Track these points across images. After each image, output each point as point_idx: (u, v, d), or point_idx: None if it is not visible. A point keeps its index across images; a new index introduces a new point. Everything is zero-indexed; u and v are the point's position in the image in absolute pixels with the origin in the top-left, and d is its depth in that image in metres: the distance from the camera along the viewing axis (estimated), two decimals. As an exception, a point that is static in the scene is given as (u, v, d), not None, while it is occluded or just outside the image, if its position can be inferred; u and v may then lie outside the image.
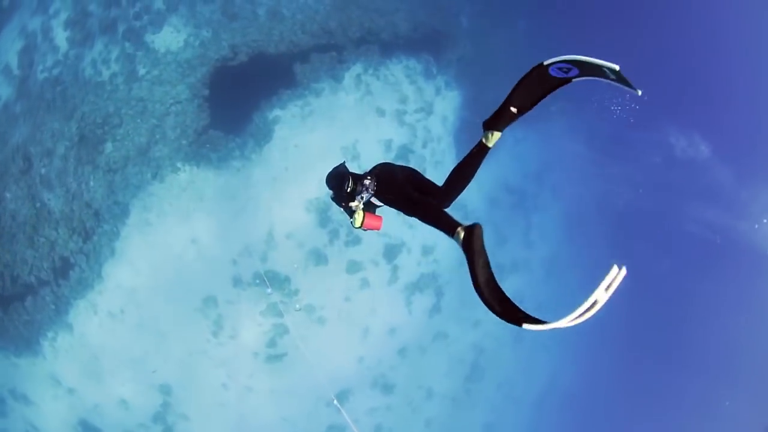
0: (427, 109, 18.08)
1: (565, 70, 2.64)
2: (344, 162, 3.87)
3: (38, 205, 16.03)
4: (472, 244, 2.47)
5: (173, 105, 15.57)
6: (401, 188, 3.22)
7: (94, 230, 15.52)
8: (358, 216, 3.42)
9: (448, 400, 20.67)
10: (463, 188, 3.05)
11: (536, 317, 2.25)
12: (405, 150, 17.46)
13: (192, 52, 15.99)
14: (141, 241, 15.65)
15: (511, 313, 2.27)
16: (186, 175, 15.68)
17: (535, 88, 2.75)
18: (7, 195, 16.02)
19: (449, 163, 17.35)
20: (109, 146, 15.63)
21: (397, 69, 17.60)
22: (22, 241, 16.20)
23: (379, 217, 3.56)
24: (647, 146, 22.38)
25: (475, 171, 3.00)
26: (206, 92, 15.80)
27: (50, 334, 16.49)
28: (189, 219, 15.73)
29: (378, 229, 3.54)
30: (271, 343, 16.93)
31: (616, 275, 2.11)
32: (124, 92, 15.98)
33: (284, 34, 16.38)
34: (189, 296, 16.07)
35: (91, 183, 15.54)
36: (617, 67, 2.47)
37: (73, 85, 16.73)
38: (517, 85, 2.74)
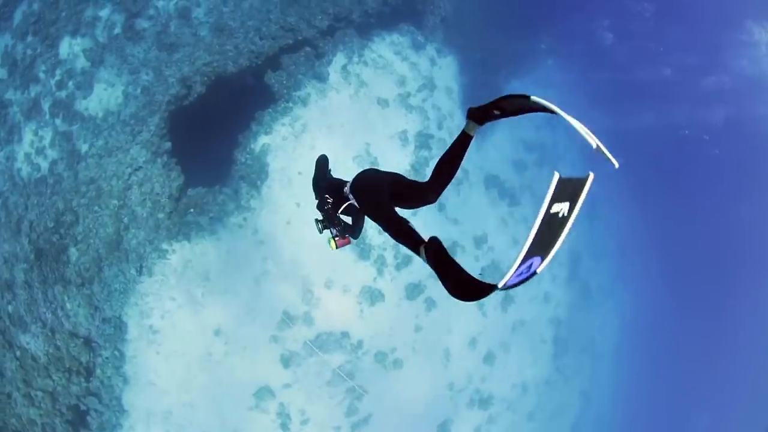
0: (429, 85, 12.95)
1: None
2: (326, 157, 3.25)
3: (18, 353, 10.57)
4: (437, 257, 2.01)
5: (132, 174, 10.06)
6: (379, 200, 2.58)
7: (92, 363, 10.15)
8: (331, 243, 2.96)
9: (542, 386, 16.84)
10: (451, 179, 2.42)
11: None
12: (423, 137, 12.30)
13: (135, 103, 10.56)
14: (153, 355, 10.32)
15: (484, 289, 1.73)
16: (177, 255, 10.22)
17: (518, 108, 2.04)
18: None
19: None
20: (72, 252, 10.17)
21: (383, 48, 12.34)
22: (19, 400, 10.77)
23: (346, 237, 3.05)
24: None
25: (461, 160, 2.38)
26: (167, 145, 10.28)
27: (94, 486, 11.25)
28: (201, 308, 10.29)
29: (349, 243, 3.02)
30: (351, 411, 11.79)
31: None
32: (69, 180, 10.53)
33: (240, 46, 10.98)
34: (237, 397, 10.81)
35: (68, 306, 10.09)
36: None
37: (13, 193, 11.30)
38: (506, 98, 2.00)
